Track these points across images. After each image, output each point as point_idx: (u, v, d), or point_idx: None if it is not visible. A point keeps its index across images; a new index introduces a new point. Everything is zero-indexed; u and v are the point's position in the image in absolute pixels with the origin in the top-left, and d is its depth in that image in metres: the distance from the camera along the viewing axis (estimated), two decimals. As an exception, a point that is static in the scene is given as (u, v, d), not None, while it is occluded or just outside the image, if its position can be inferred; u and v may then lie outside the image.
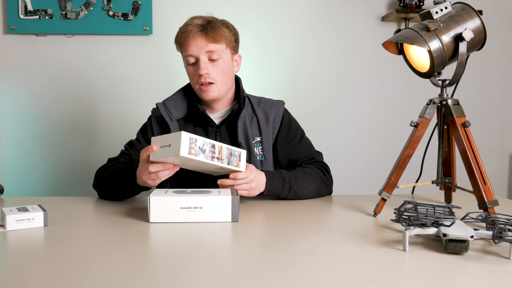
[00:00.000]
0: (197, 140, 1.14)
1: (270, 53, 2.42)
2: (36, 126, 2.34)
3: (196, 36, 1.40)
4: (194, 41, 1.40)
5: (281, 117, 1.52)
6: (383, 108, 2.50)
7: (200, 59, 1.40)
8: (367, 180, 2.51)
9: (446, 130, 1.28)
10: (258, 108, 1.50)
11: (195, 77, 1.43)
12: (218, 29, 1.42)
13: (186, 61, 1.45)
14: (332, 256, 0.89)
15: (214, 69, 1.42)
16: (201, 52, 1.40)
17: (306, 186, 1.39)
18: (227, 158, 1.20)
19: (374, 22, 2.45)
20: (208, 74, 1.41)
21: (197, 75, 1.42)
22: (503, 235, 0.88)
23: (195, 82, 1.44)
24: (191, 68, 1.44)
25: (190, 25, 1.42)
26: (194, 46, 1.40)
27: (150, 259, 0.88)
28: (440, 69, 1.17)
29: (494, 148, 2.58)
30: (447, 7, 1.16)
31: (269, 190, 1.33)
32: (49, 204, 1.26)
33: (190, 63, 1.43)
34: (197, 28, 1.41)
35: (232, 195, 1.13)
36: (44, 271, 0.81)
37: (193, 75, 1.44)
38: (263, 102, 1.53)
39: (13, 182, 2.32)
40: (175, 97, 1.52)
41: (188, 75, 1.47)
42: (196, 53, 1.41)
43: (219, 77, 1.43)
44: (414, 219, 0.95)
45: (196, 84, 1.44)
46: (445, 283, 0.77)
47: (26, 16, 2.24)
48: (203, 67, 1.40)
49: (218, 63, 1.42)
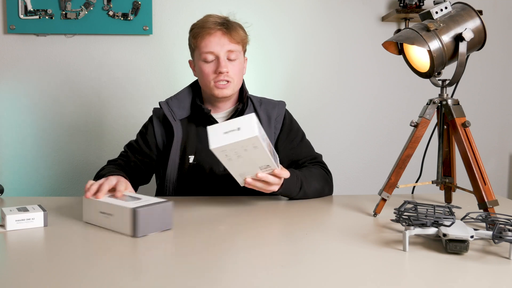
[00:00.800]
0: (260, 128, 1.10)
1: (270, 53, 2.42)
2: (36, 126, 2.34)
3: (218, 34, 1.39)
4: (216, 38, 1.38)
5: (283, 118, 1.52)
6: (383, 108, 2.50)
7: (221, 57, 1.39)
8: (367, 180, 2.51)
9: (446, 130, 1.28)
10: (260, 108, 1.50)
11: (211, 74, 1.41)
12: (237, 29, 1.42)
13: (202, 57, 1.41)
14: (332, 256, 0.89)
15: (232, 68, 1.41)
16: (222, 50, 1.39)
17: (313, 185, 1.38)
18: (274, 155, 1.17)
19: (374, 22, 2.45)
20: (227, 72, 1.40)
21: (216, 72, 1.39)
22: (503, 235, 0.88)
23: (211, 79, 1.41)
24: (207, 65, 1.41)
25: (210, 22, 1.39)
26: (216, 43, 1.38)
27: (151, 259, 0.88)
28: (440, 69, 1.17)
29: (494, 148, 2.58)
30: (447, 7, 1.16)
31: (284, 188, 1.28)
32: (49, 204, 1.26)
33: (208, 61, 1.41)
34: (219, 26, 1.39)
35: (137, 208, 0.98)
36: (44, 271, 0.81)
37: (209, 72, 1.41)
38: (265, 103, 1.53)
39: (13, 182, 2.32)
40: (179, 96, 1.50)
41: (202, 72, 1.43)
42: (217, 50, 1.39)
43: (236, 77, 1.43)
44: (414, 219, 0.95)
45: (211, 81, 1.41)
46: (445, 283, 0.77)
47: (26, 16, 2.24)
48: (223, 65, 1.39)
49: (235, 63, 1.42)
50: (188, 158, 1.44)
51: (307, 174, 1.38)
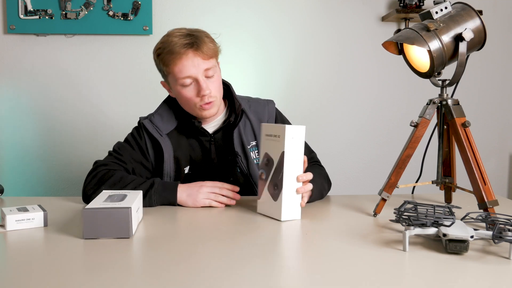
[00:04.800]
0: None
1: (270, 53, 2.42)
2: (36, 126, 2.34)
3: (190, 55, 1.29)
4: (189, 61, 1.29)
5: (274, 118, 1.50)
6: (383, 108, 2.50)
7: (200, 80, 1.31)
8: (367, 180, 2.51)
9: (446, 130, 1.28)
10: (249, 111, 1.46)
11: (194, 98, 1.33)
12: (205, 43, 1.31)
13: (180, 83, 1.32)
14: (332, 256, 0.89)
15: (212, 85, 1.34)
16: (199, 71, 1.30)
17: (324, 185, 1.38)
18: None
19: (374, 22, 2.45)
20: (210, 93, 1.33)
21: (199, 95, 1.32)
22: (503, 235, 0.88)
23: (196, 102, 1.34)
24: (187, 89, 1.33)
25: (177, 44, 1.29)
26: (190, 66, 1.29)
27: (151, 256, 0.88)
28: (440, 69, 1.17)
29: (494, 148, 2.58)
30: (447, 7, 1.16)
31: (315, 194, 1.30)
32: (49, 204, 1.26)
33: (187, 85, 1.32)
34: (189, 46, 1.29)
35: (87, 209, 0.98)
36: (44, 271, 0.81)
37: (191, 97, 1.33)
38: (253, 104, 1.49)
39: (13, 182, 2.32)
40: (161, 112, 1.43)
41: (183, 98, 1.35)
42: (194, 73, 1.30)
43: (217, 93, 1.36)
44: (414, 219, 0.95)
45: (196, 104, 1.34)
46: (445, 283, 0.77)
47: (26, 16, 2.24)
48: (205, 87, 1.31)
49: (214, 79, 1.34)
50: (184, 170, 1.42)
51: (316, 176, 1.35)
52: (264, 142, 1.20)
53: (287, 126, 1.12)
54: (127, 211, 0.98)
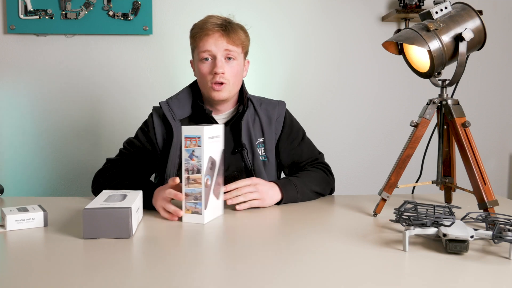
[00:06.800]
0: None
1: (270, 53, 2.42)
2: (36, 126, 2.34)
3: (216, 35, 1.38)
4: (213, 39, 1.37)
5: (284, 118, 1.52)
6: (383, 108, 2.50)
7: (217, 57, 1.38)
8: (367, 180, 2.51)
9: (446, 130, 1.28)
10: (260, 108, 1.50)
11: (208, 75, 1.39)
12: (237, 31, 1.40)
13: (200, 56, 1.40)
14: (332, 256, 0.89)
15: (229, 69, 1.39)
16: (219, 50, 1.38)
17: (314, 188, 1.40)
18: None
19: (374, 22, 2.45)
20: (223, 73, 1.38)
21: (212, 73, 1.38)
22: (503, 235, 0.88)
23: (208, 80, 1.40)
24: (204, 65, 1.40)
25: (209, 23, 1.39)
26: (213, 43, 1.37)
27: (151, 256, 0.88)
28: (440, 69, 1.17)
29: (494, 148, 2.58)
30: (447, 7, 1.16)
31: (286, 197, 1.32)
32: (49, 204, 1.26)
33: (206, 60, 1.39)
34: (217, 27, 1.38)
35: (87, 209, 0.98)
36: (44, 271, 0.81)
37: (206, 72, 1.40)
38: (265, 103, 1.53)
39: (13, 182, 2.32)
40: (180, 96, 1.48)
41: (200, 72, 1.42)
42: (214, 50, 1.38)
43: (232, 78, 1.41)
44: (414, 219, 0.95)
45: (208, 82, 1.40)
46: (445, 283, 0.77)
47: (26, 16, 2.24)
48: (220, 65, 1.37)
49: (233, 64, 1.40)
50: None
51: (306, 179, 1.39)
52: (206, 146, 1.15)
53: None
54: (127, 211, 0.99)
